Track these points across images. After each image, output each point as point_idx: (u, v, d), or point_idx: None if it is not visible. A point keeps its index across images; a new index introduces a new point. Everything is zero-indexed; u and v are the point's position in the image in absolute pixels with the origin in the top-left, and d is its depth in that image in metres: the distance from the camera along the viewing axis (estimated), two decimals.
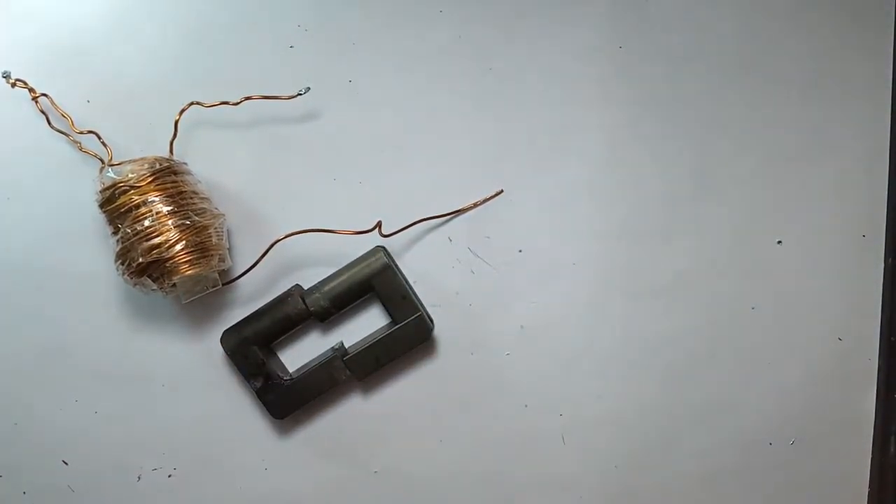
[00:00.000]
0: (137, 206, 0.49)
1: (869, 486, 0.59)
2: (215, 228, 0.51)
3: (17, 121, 0.55)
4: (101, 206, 0.50)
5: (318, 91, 0.56)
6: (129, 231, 0.49)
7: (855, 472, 0.59)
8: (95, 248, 0.56)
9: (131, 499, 0.57)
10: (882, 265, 0.59)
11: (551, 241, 0.58)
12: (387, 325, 0.57)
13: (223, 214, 0.53)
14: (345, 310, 0.56)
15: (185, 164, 0.53)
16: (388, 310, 0.55)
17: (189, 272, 0.50)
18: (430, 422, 0.58)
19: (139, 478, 0.57)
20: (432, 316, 0.57)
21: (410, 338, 0.55)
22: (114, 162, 0.53)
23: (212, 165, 0.56)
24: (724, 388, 0.59)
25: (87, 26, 0.56)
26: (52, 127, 0.54)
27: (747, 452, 0.59)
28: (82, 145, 0.54)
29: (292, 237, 0.54)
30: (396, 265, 0.56)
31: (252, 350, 0.55)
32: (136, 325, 0.57)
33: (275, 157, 0.57)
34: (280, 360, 0.57)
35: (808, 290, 0.59)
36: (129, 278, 0.50)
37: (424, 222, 0.57)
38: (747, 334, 0.58)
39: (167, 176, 0.50)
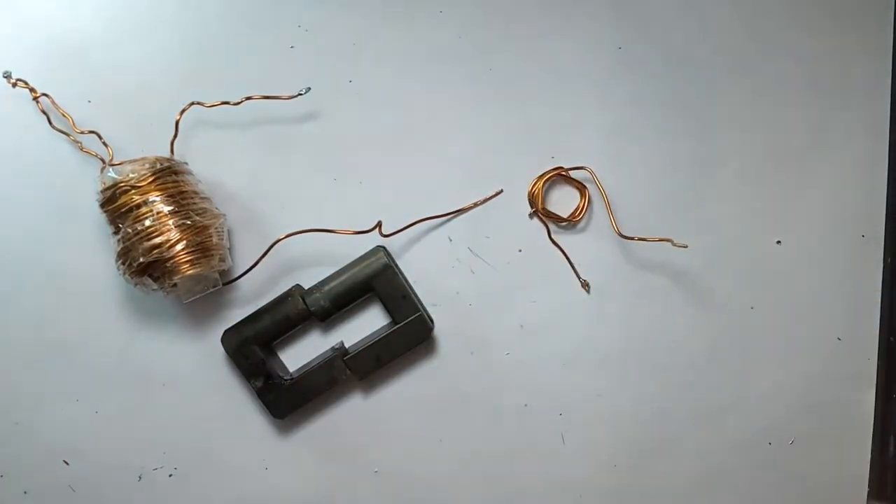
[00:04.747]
0: (138, 206, 0.49)
1: (869, 486, 0.59)
2: (216, 228, 0.52)
3: (17, 121, 0.55)
4: (102, 205, 0.50)
5: (319, 91, 0.56)
6: (129, 231, 0.49)
7: (855, 472, 0.59)
8: (96, 247, 0.56)
9: (132, 498, 0.57)
10: (882, 265, 0.59)
11: (551, 241, 0.58)
12: (387, 324, 0.57)
13: (224, 214, 0.53)
14: (345, 310, 0.56)
15: (186, 163, 0.54)
16: (389, 310, 0.56)
17: (190, 272, 0.50)
18: (430, 422, 0.58)
19: (140, 477, 0.57)
20: (432, 316, 0.57)
21: (410, 338, 0.55)
22: (114, 162, 0.53)
23: (212, 165, 0.56)
24: (723, 388, 0.59)
25: (88, 26, 0.56)
26: (53, 127, 0.54)
27: (747, 452, 0.59)
28: (83, 145, 0.54)
29: (292, 237, 0.54)
30: (396, 265, 0.56)
31: (252, 350, 0.55)
32: (136, 325, 0.57)
33: (275, 157, 0.57)
34: (280, 360, 0.57)
35: (808, 290, 0.59)
36: (129, 278, 0.50)
37: (424, 222, 0.57)
38: (747, 334, 0.59)
39: (168, 176, 0.50)
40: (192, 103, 0.54)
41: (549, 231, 0.58)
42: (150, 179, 0.50)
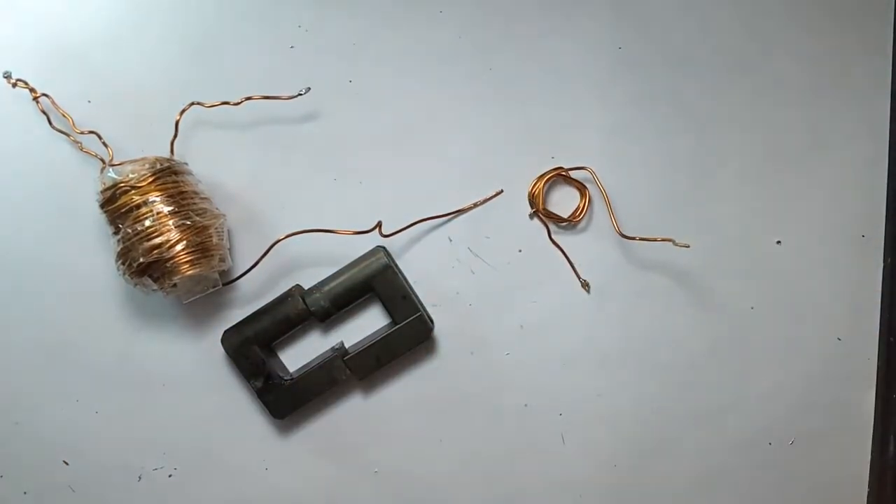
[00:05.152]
0: (138, 206, 0.49)
1: (869, 486, 0.59)
2: (216, 228, 0.52)
3: (17, 121, 0.55)
4: (102, 206, 0.50)
5: (319, 91, 0.56)
6: (129, 231, 0.49)
7: (855, 472, 0.59)
8: (96, 248, 0.56)
9: (132, 499, 0.57)
10: (881, 265, 0.59)
11: (551, 241, 0.58)
12: (387, 325, 0.57)
13: (224, 214, 0.53)
14: (345, 310, 0.56)
15: (186, 164, 0.54)
16: (389, 310, 0.56)
17: (190, 272, 0.50)
18: (430, 422, 0.58)
19: (140, 478, 0.57)
20: (432, 316, 0.57)
21: (410, 338, 0.55)
22: (114, 162, 0.53)
23: (212, 165, 0.56)
24: (723, 388, 0.59)
25: (88, 27, 0.56)
26: (53, 127, 0.54)
27: (747, 452, 0.59)
28: (83, 145, 0.54)
29: (292, 237, 0.54)
30: (396, 265, 0.56)
31: (252, 350, 0.55)
32: (136, 325, 0.57)
33: (275, 157, 0.57)
34: (280, 360, 0.57)
35: (808, 290, 0.59)
36: (129, 278, 0.50)
37: (424, 222, 0.57)
38: (747, 334, 0.59)
39: (168, 176, 0.50)
40: (192, 103, 0.54)
41: (549, 231, 0.58)
42: (150, 180, 0.50)
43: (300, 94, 0.55)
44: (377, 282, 0.55)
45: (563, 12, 0.58)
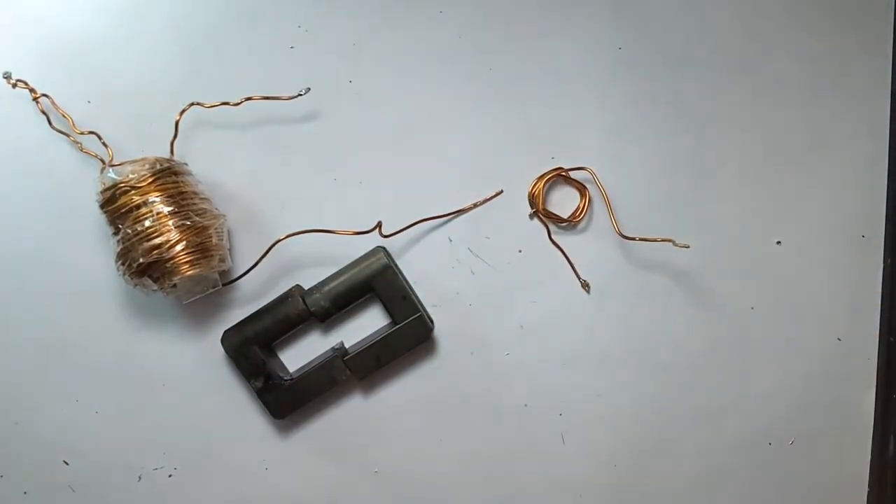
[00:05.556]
0: (138, 207, 0.49)
1: (869, 486, 0.59)
2: (216, 229, 0.52)
3: (17, 121, 0.55)
4: (102, 206, 0.50)
5: (319, 91, 0.56)
6: (129, 231, 0.49)
7: (854, 472, 0.59)
8: (96, 248, 0.56)
9: (132, 499, 0.57)
10: (881, 265, 0.59)
11: (551, 241, 0.58)
12: (387, 325, 0.57)
13: (224, 215, 0.53)
14: (345, 310, 0.56)
15: (186, 164, 0.54)
16: (389, 310, 0.56)
17: (189, 273, 0.50)
18: (430, 422, 0.58)
19: (140, 478, 0.57)
20: (432, 316, 0.57)
21: (410, 338, 0.55)
22: (114, 162, 0.53)
23: (212, 166, 0.56)
24: (723, 388, 0.59)
25: (88, 27, 0.56)
26: (53, 127, 0.54)
27: (747, 452, 0.59)
28: (83, 146, 0.54)
29: (292, 237, 0.54)
30: (396, 265, 0.56)
31: (252, 350, 0.55)
32: (136, 326, 0.57)
33: (275, 157, 0.57)
34: (280, 361, 0.57)
35: (808, 290, 0.59)
36: (129, 279, 0.50)
37: (424, 222, 0.57)
38: (746, 334, 0.59)
39: (168, 176, 0.50)
40: (192, 104, 0.54)
41: (549, 231, 0.58)
42: (150, 180, 0.50)
43: (300, 95, 0.55)
44: (377, 282, 0.55)
45: (563, 12, 0.58)
